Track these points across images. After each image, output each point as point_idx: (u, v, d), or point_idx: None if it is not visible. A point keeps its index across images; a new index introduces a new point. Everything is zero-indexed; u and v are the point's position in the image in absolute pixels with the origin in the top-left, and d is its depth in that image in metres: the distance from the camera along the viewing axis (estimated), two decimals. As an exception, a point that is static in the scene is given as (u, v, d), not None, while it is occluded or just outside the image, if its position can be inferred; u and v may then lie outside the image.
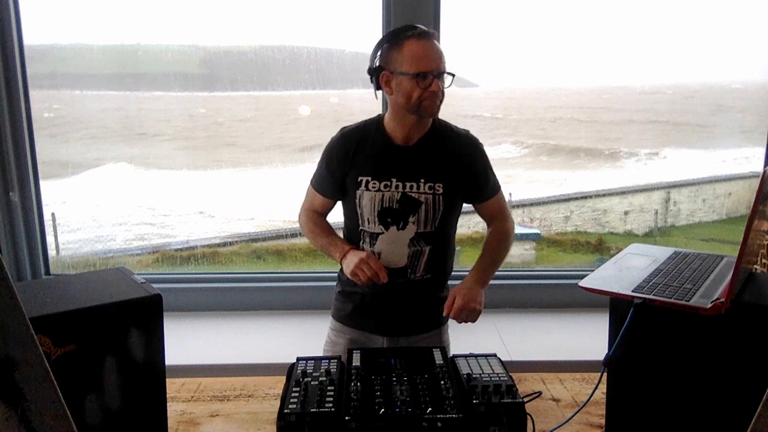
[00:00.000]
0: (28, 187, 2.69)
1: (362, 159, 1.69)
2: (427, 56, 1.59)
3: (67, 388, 0.70)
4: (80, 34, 3.09)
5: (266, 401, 1.86)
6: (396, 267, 1.70)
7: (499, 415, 1.23)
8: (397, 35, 1.61)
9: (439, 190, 1.67)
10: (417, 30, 1.60)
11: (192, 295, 2.74)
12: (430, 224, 1.68)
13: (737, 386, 1.18)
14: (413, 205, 1.66)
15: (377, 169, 1.68)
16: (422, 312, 1.80)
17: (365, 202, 1.68)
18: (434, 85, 1.59)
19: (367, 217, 1.69)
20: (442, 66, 1.61)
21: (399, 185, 1.66)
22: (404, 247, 1.69)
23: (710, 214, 4.62)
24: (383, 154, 1.68)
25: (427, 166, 1.67)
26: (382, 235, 1.68)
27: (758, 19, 3.10)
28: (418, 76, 1.58)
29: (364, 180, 1.68)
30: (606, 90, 5.30)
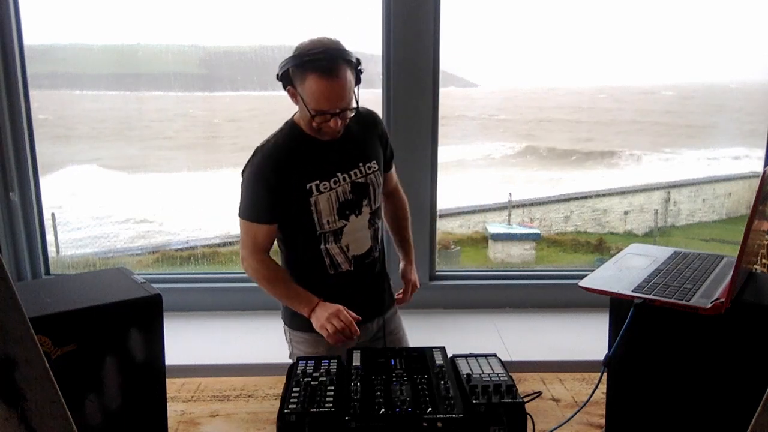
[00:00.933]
0: (28, 187, 2.69)
1: (301, 167, 1.65)
2: (327, 98, 1.54)
3: (67, 388, 0.70)
4: (80, 34, 3.09)
5: (266, 401, 1.86)
6: (365, 250, 1.75)
7: (499, 415, 1.23)
8: (302, 61, 1.54)
9: (375, 167, 1.73)
10: (322, 63, 1.52)
11: (192, 295, 2.74)
12: (376, 200, 1.75)
13: (737, 386, 1.18)
14: (363, 189, 1.71)
15: (320, 170, 1.66)
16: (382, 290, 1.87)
17: (323, 205, 1.66)
18: (332, 122, 1.58)
19: (327, 218, 1.68)
20: (343, 104, 1.56)
21: (345, 176, 1.69)
22: (366, 230, 1.74)
23: (710, 214, 4.62)
24: (318, 154, 1.66)
25: (358, 149, 1.72)
26: (346, 227, 1.71)
27: (758, 19, 3.10)
28: (317, 114, 1.56)
29: (314, 185, 1.65)
30: (605, 90, 5.30)
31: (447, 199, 2.96)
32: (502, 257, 3.88)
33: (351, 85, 1.57)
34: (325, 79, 1.52)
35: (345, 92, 1.55)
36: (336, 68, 1.52)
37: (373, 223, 1.75)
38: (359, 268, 1.75)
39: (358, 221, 1.71)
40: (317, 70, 1.52)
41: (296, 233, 1.72)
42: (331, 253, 1.71)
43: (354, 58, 1.58)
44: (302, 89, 1.56)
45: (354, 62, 1.57)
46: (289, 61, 1.57)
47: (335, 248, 1.71)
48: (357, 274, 1.75)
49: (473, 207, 4.28)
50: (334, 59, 1.53)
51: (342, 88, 1.54)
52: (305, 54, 1.53)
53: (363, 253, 1.75)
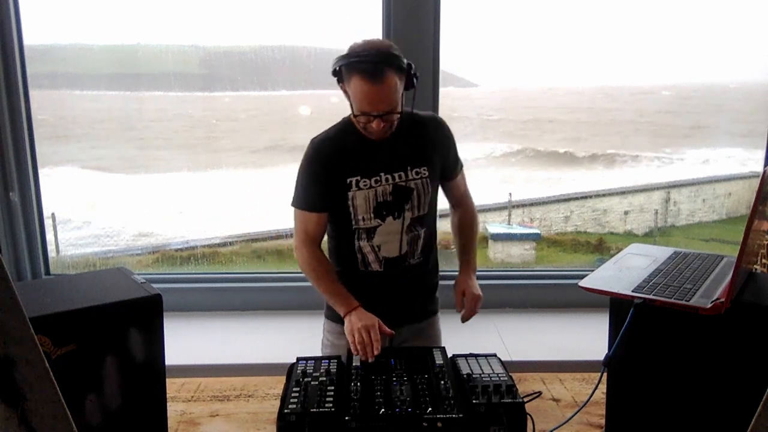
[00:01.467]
0: (28, 187, 2.69)
1: (345, 162, 1.68)
2: (368, 100, 1.55)
3: (67, 388, 0.70)
4: (80, 34, 3.09)
5: (266, 401, 1.86)
6: (396, 255, 1.74)
7: (499, 415, 1.24)
8: (349, 62, 1.56)
9: (425, 174, 1.71)
10: (367, 65, 1.53)
11: (192, 295, 2.74)
12: (422, 208, 1.73)
13: (737, 386, 1.18)
14: (405, 194, 1.70)
15: (363, 167, 1.68)
16: (420, 298, 1.85)
17: (359, 201, 1.68)
18: (375, 124, 1.58)
19: (362, 215, 1.70)
20: (385, 108, 1.57)
21: (388, 177, 1.69)
22: (402, 235, 1.72)
23: (710, 214, 4.62)
24: (364, 153, 1.68)
25: (409, 153, 1.71)
26: (380, 227, 1.71)
27: (758, 20, 3.10)
28: (359, 114, 1.59)
29: (354, 180, 1.68)
30: (604, 90, 5.29)
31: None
32: (502, 257, 3.88)
33: (396, 90, 1.57)
34: (367, 82, 1.53)
35: (387, 96, 1.55)
36: (379, 72, 1.53)
37: (413, 229, 1.73)
38: (390, 270, 1.74)
39: (395, 224, 1.70)
40: (360, 72, 1.53)
41: (336, 226, 1.75)
42: (363, 251, 1.73)
43: (404, 62, 1.58)
44: (349, 89, 1.59)
45: (403, 67, 1.58)
46: (339, 60, 1.58)
47: (367, 246, 1.72)
48: (387, 276, 1.74)
49: (473, 207, 4.27)
50: (379, 63, 1.53)
51: (384, 92, 1.55)
52: (353, 55, 1.55)
53: (395, 256, 1.73)
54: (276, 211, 4.03)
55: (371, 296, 1.73)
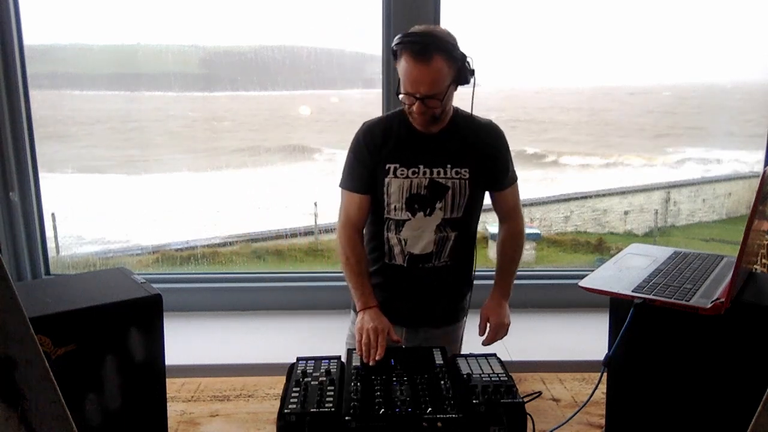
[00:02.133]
0: (28, 187, 2.69)
1: (389, 148, 1.69)
2: (411, 79, 1.55)
3: (67, 388, 0.70)
4: (80, 34, 3.09)
5: (266, 401, 1.86)
6: (422, 253, 1.72)
7: (499, 415, 1.24)
8: (401, 41, 1.56)
9: (465, 175, 1.69)
10: (416, 45, 1.52)
11: (192, 295, 2.74)
12: (456, 210, 1.70)
13: (737, 386, 1.18)
14: (440, 191, 1.68)
15: (404, 156, 1.68)
16: (442, 302, 1.82)
17: (393, 189, 1.68)
18: (416, 107, 1.57)
19: (394, 204, 1.69)
20: (426, 90, 1.55)
21: (426, 171, 1.67)
22: (431, 233, 1.70)
23: (710, 214, 4.62)
24: (408, 142, 1.68)
25: (453, 151, 1.69)
26: (409, 222, 1.70)
27: (757, 20, 3.10)
28: (402, 94, 1.59)
29: (392, 167, 1.68)
30: (604, 90, 5.29)
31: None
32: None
33: (441, 75, 1.54)
34: (413, 60, 1.52)
35: (431, 79, 1.53)
36: (427, 53, 1.52)
37: (442, 230, 1.71)
38: (413, 267, 1.73)
39: (425, 220, 1.69)
40: (409, 50, 1.53)
41: (372, 213, 1.76)
42: (390, 242, 1.74)
43: (457, 51, 1.57)
44: (399, 68, 1.58)
45: (454, 56, 1.56)
46: (395, 39, 1.58)
47: (394, 238, 1.72)
48: (410, 273, 1.74)
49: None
50: (428, 44, 1.52)
51: (428, 73, 1.53)
52: (407, 34, 1.55)
53: (421, 254, 1.72)
54: (276, 211, 4.04)
55: (393, 290, 1.75)
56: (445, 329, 1.84)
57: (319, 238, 3.59)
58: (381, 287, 1.76)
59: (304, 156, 4.27)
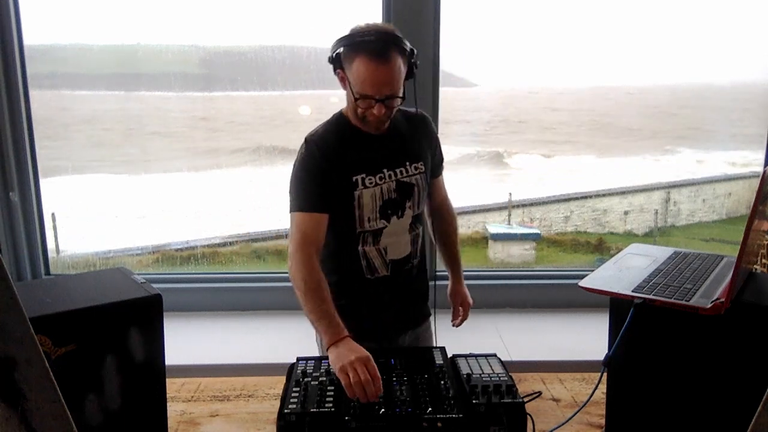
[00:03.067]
0: (28, 187, 2.69)
1: (348, 158, 1.59)
2: (373, 81, 1.48)
3: (67, 388, 0.70)
4: (80, 34, 3.09)
5: (266, 401, 1.86)
6: (403, 256, 1.69)
7: (499, 415, 1.23)
8: (353, 42, 1.49)
9: (422, 169, 1.68)
10: (372, 45, 1.46)
11: (192, 295, 2.74)
12: (420, 205, 1.70)
13: (737, 386, 1.18)
14: (407, 190, 1.66)
15: (367, 163, 1.60)
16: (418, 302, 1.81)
17: (366, 200, 1.60)
18: (376, 109, 1.51)
19: (368, 216, 1.61)
20: (388, 91, 1.50)
21: (391, 173, 1.63)
22: (406, 235, 1.68)
23: (710, 214, 4.62)
24: (366, 147, 1.61)
25: (407, 148, 1.67)
26: (386, 229, 1.65)
27: (757, 20, 3.10)
28: (360, 98, 1.51)
29: (359, 178, 1.59)
30: (603, 90, 5.29)
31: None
32: (502, 257, 3.88)
33: (400, 74, 1.50)
34: (373, 61, 1.46)
35: (392, 78, 1.49)
36: (386, 52, 1.47)
37: (413, 228, 1.69)
38: (396, 273, 1.68)
39: (399, 224, 1.66)
40: (367, 51, 1.47)
41: (335, 230, 1.62)
42: (368, 256, 1.64)
43: (408, 47, 1.53)
44: (350, 72, 1.50)
45: (407, 52, 1.52)
46: (341, 41, 1.52)
47: (373, 251, 1.64)
48: (394, 280, 1.68)
49: (473, 207, 4.28)
50: (386, 43, 1.47)
51: (389, 74, 1.48)
52: (357, 34, 1.49)
53: (401, 258, 1.68)
54: (276, 211, 4.04)
55: (376, 304, 1.68)
56: (424, 326, 1.83)
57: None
58: (360, 306, 1.66)
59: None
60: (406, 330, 1.77)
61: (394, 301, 1.71)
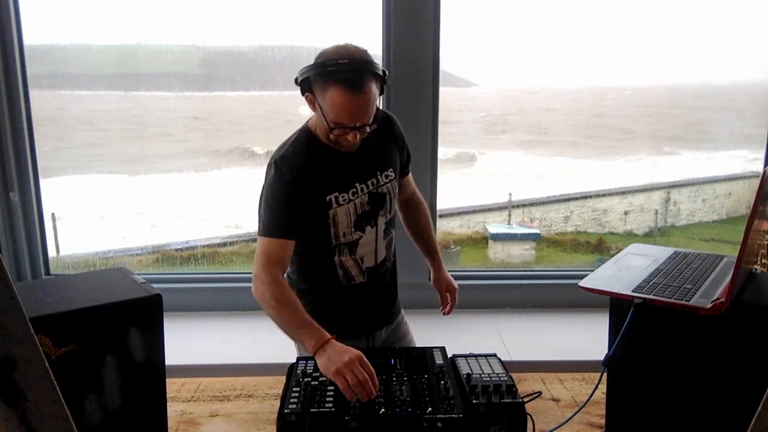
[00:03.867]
0: (28, 187, 2.69)
1: (320, 179, 1.57)
2: (348, 112, 1.45)
3: (67, 388, 0.70)
4: (80, 34, 3.09)
5: (266, 401, 1.86)
6: (378, 262, 1.71)
7: (499, 415, 1.24)
8: (326, 71, 1.44)
9: (392, 176, 1.68)
10: (347, 75, 1.43)
11: (192, 295, 2.74)
12: (392, 210, 1.71)
13: (737, 386, 1.18)
14: (379, 200, 1.66)
15: (339, 181, 1.59)
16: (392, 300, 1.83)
17: (341, 218, 1.60)
18: (351, 136, 1.50)
19: (343, 231, 1.61)
20: (364, 119, 1.48)
21: (363, 187, 1.62)
22: (381, 241, 1.70)
23: (710, 214, 4.62)
24: (336, 165, 1.59)
25: (376, 157, 1.66)
26: (362, 239, 1.65)
27: (758, 19, 3.10)
28: (336, 126, 1.48)
29: (332, 197, 1.58)
30: (601, 90, 5.29)
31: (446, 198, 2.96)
32: (502, 257, 3.88)
33: (374, 100, 1.49)
34: (348, 92, 1.43)
35: (368, 107, 1.47)
36: (361, 82, 1.43)
37: (387, 233, 1.71)
38: (372, 279, 1.70)
39: (373, 232, 1.66)
40: (341, 82, 1.42)
41: (310, 245, 1.63)
42: (345, 266, 1.65)
43: (380, 70, 1.49)
44: (323, 99, 1.47)
45: (380, 74, 1.49)
46: (311, 69, 1.47)
47: (349, 260, 1.65)
48: (370, 286, 1.71)
49: (473, 207, 4.27)
50: (359, 72, 1.44)
51: (365, 103, 1.46)
52: (330, 63, 1.44)
53: (377, 264, 1.71)
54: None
55: (354, 309, 1.70)
56: (398, 319, 1.85)
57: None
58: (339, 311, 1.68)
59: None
60: (381, 326, 1.79)
61: (370, 305, 1.74)
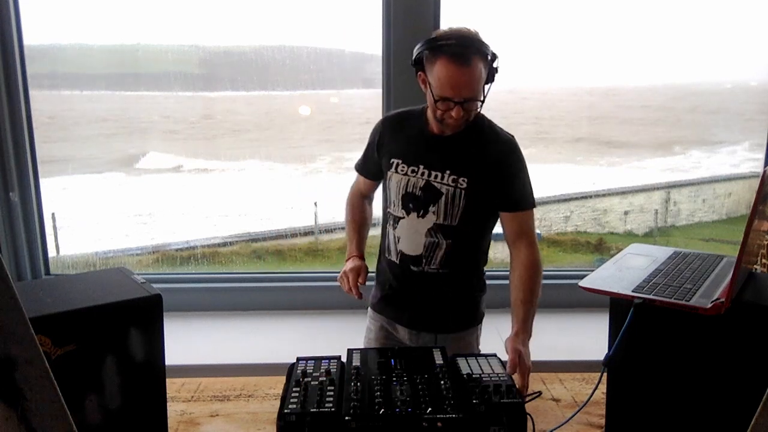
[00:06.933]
0: (28, 187, 2.69)
1: (397, 142, 1.74)
2: (453, 84, 1.51)
3: (67, 388, 0.70)
4: (80, 34, 3.09)
5: (266, 401, 1.86)
6: (412, 254, 1.72)
7: (499, 415, 1.23)
8: (436, 44, 1.52)
9: (462, 185, 1.63)
10: (455, 48, 1.50)
11: (192, 295, 2.74)
12: (449, 217, 1.66)
13: (737, 386, 1.18)
14: (434, 194, 1.66)
15: (408, 153, 1.70)
16: (445, 309, 1.78)
17: (393, 183, 1.72)
18: (455, 112, 1.54)
19: (393, 199, 1.72)
20: (468, 94, 1.53)
21: (425, 172, 1.67)
22: (421, 236, 1.69)
23: (710, 214, 4.62)
24: (416, 141, 1.71)
25: (455, 158, 1.65)
26: (403, 220, 1.71)
27: (758, 20, 3.10)
28: (440, 100, 1.54)
29: (395, 162, 1.72)
30: (601, 90, 5.29)
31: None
32: (502, 257, 3.87)
33: (480, 78, 1.54)
34: (454, 64, 1.50)
35: (472, 81, 1.52)
36: (467, 56, 1.50)
37: (433, 235, 1.67)
38: (405, 268, 1.74)
39: (417, 222, 1.68)
40: (448, 54, 1.51)
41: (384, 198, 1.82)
42: (388, 237, 1.78)
43: (490, 52, 1.55)
44: (431, 74, 1.55)
45: (489, 57, 1.55)
46: (423, 45, 1.56)
47: (391, 234, 1.76)
48: (402, 272, 1.75)
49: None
50: (467, 47, 1.51)
51: (470, 77, 1.51)
52: (440, 38, 1.53)
53: (412, 255, 1.71)
54: (276, 211, 4.04)
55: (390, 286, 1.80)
56: (445, 336, 1.77)
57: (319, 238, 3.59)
58: (385, 280, 1.83)
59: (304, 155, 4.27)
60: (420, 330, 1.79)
61: (406, 294, 1.79)
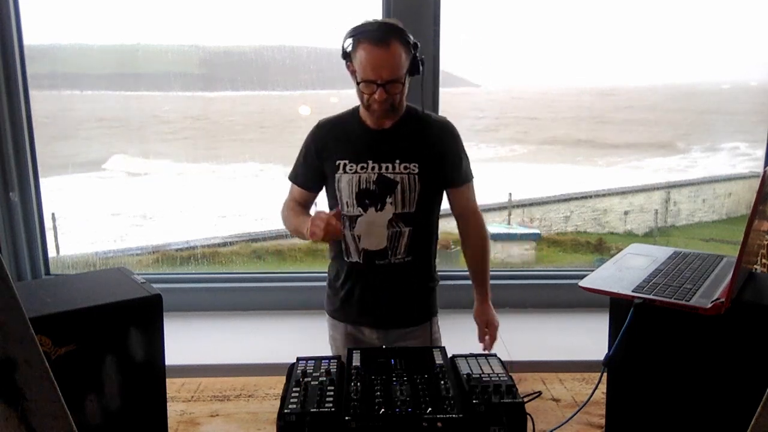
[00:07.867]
0: (28, 187, 2.69)
1: (338, 145, 1.74)
2: (373, 66, 1.57)
3: (67, 388, 0.70)
4: (80, 34, 3.09)
5: (266, 401, 1.86)
6: (376, 249, 1.73)
7: (499, 415, 1.23)
8: (357, 32, 1.60)
9: (414, 170, 1.70)
10: (373, 33, 1.58)
11: (192, 295, 2.74)
12: (408, 205, 1.71)
13: (737, 386, 1.18)
14: (389, 186, 1.69)
15: (353, 152, 1.71)
16: (408, 301, 1.81)
17: (343, 185, 1.71)
18: (378, 94, 1.59)
19: (346, 200, 1.72)
20: (389, 75, 1.59)
21: (375, 166, 1.70)
22: (383, 229, 1.71)
23: (710, 214, 4.62)
24: (358, 138, 1.72)
25: (402, 147, 1.71)
26: (361, 218, 1.71)
27: (758, 20, 3.10)
28: (363, 82, 1.60)
29: (342, 164, 1.71)
30: (601, 90, 5.29)
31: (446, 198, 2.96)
32: (502, 257, 3.88)
33: (400, 61, 1.59)
34: (373, 46, 1.56)
35: (392, 63, 1.58)
36: (386, 39, 1.57)
37: (395, 226, 1.71)
38: (370, 265, 1.74)
39: (376, 216, 1.70)
40: (368, 38, 1.57)
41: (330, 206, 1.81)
42: (346, 239, 1.75)
43: (410, 38, 1.61)
44: (356, 61, 1.61)
45: (409, 42, 1.61)
46: (347, 34, 1.63)
47: (349, 235, 1.74)
48: (369, 272, 1.75)
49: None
50: (385, 32, 1.58)
51: (389, 58, 1.57)
52: (361, 26, 1.61)
53: (375, 250, 1.73)
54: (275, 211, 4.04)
55: (356, 288, 1.77)
56: (416, 328, 1.82)
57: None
58: (344, 284, 1.80)
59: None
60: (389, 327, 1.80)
61: (374, 293, 1.78)
